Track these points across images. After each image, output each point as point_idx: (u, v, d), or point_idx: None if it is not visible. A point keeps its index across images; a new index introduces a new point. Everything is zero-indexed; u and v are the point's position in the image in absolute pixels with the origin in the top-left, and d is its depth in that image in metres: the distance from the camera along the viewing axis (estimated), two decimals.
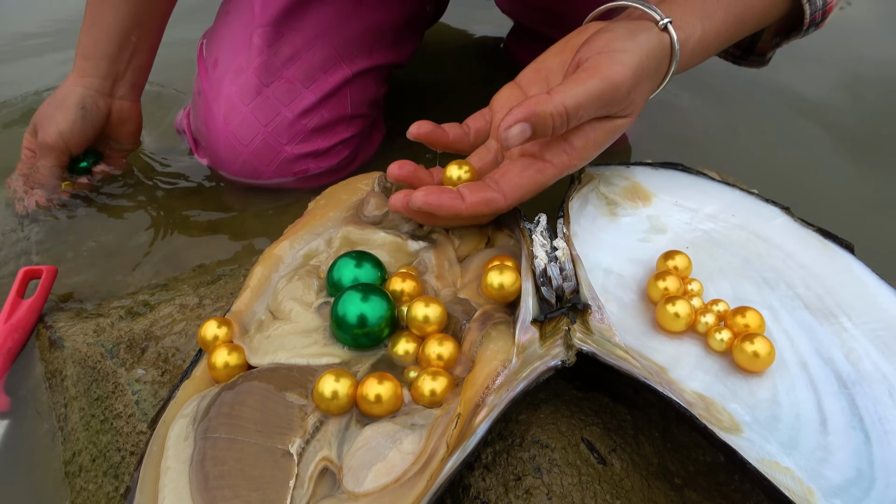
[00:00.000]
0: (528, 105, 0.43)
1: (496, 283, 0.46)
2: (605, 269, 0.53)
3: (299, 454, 0.40)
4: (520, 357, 0.42)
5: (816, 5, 0.59)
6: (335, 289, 0.48)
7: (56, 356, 0.59)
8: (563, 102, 0.44)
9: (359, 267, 0.48)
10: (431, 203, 0.47)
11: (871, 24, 1.32)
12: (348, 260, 0.49)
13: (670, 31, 0.50)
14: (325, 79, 0.79)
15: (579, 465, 0.41)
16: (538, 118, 0.43)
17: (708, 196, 0.58)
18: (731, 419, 0.42)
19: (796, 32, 0.62)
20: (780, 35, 0.65)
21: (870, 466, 0.40)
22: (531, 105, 0.43)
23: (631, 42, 0.47)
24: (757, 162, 0.96)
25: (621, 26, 0.50)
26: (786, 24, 0.63)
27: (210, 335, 0.46)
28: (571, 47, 0.53)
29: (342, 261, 0.49)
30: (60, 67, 1.07)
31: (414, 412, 0.42)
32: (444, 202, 0.47)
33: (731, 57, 0.69)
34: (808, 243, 0.53)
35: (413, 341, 0.45)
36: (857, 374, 0.45)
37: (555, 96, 0.44)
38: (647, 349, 0.47)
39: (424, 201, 0.47)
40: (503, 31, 1.18)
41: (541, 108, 0.43)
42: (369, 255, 0.49)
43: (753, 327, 0.47)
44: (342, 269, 0.48)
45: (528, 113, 0.43)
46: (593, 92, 0.44)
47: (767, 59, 0.69)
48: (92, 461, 0.51)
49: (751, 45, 0.67)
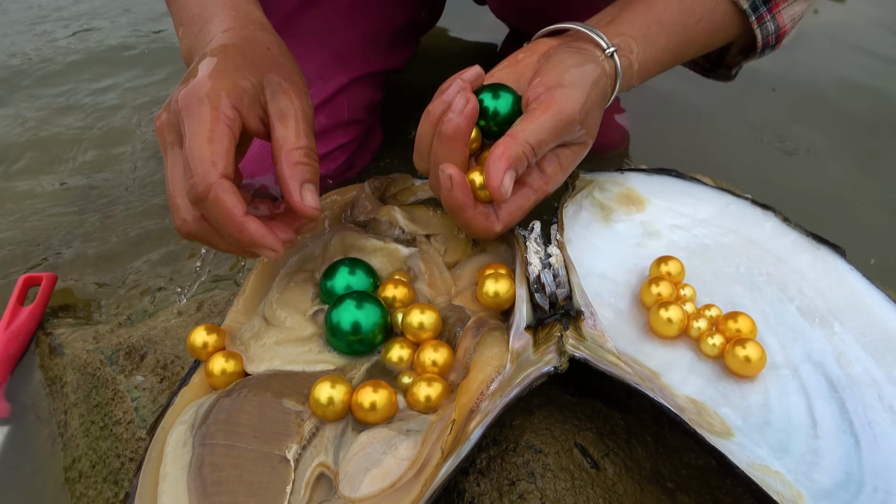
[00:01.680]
0: (502, 153, 0.46)
1: (491, 291, 0.47)
2: (599, 275, 0.54)
3: (296, 460, 0.40)
4: (514, 363, 0.43)
5: (768, 30, 0.61)
6: (329, 296, 0.49)
7: (56, 363, 0.59)
8: (527, 140, 0.47)
9: (352, 274, 0.49)
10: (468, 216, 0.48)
11: (864, 26, 1.32)
12: (342, 267, 0.49)
13: (615, 59, 0.54)
14: (322, 85, 0.80)
15: (572, 469, 0.42)
16: (516, 160, 0.46)
17: (701, 201, 0.58)
18: (722, 423, 0.43)
19: (753, 53, 0.64)
20: (742, 53, 0.67)
21: (859, 470, 0.40)
22: (504, 152, 0.46)
23: (580, 75, 0.50)
24: (751, 166, 0.97)
25: (569, 56, 0.52)
26: (747, 44, 0.65)
27: (199, 342, 0.47)
28: (525, 65, 0.55)
29: (335, 268, 0.49)
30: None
31: (409, 418, 0.42)
32: (478, 220, 0.48)
33: (700, 69, 0.71)
34: (800, 248, 0.54)
35: (406, 347, 0.46)
36: (847, 379, 0.46)
37: (518, 136, 0.47)
38: (641, 354, 0.48)
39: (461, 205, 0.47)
40: (498, 35, 1.18)
41: (513, 150, 0.46)
42: (362, 263, 0.50)
43: (745, 332, 0.48)
44: (335, 276, 0.49)
45: (507, 159, 0.46)
46: (550, 126, 0.48)
47: (733, 74, 0.71)
48: (92, 467, 0.51)
49: (719, 58, 0.69)
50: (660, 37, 0.58)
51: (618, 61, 0.54)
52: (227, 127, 0.43)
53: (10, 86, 1.13)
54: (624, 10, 0.58)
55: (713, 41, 0.63)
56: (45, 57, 1.20)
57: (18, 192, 0.89)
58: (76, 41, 1.26)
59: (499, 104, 0.50)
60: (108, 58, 1.20)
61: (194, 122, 0.43)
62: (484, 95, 0.50)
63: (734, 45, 0.67)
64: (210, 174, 0.41)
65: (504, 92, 0.50)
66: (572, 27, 0.56)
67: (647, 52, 0.57)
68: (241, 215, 0.42)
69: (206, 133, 0.43)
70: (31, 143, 0.99)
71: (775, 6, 0.61)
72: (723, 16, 0.60)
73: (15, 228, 0.82)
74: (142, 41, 1.25)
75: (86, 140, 0.99)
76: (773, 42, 0.63)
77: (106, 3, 1.39)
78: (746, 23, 0.61)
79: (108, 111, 1.05)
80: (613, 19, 0.57)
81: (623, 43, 0.55)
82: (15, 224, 0.83)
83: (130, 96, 1.09)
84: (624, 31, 0.56)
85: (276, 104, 0.47)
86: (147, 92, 1.10)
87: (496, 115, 0.50)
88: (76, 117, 1.04)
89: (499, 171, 0.46)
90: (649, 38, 0.57)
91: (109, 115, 1.05)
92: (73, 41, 1.26)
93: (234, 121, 0.44)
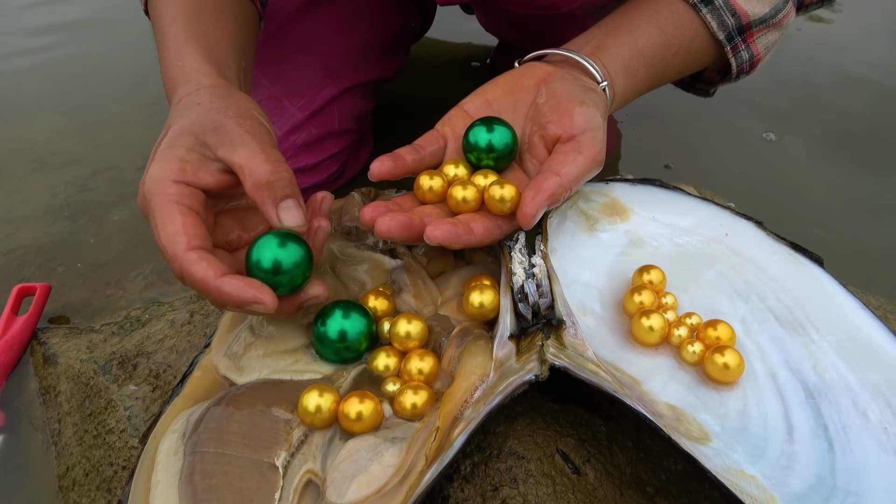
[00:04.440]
0: (545, 190, 0.49)
1: (476, 302, 0.48)
2: (584, 284, 0.55)
3: (285, 467, 0.41)
4: (497, 372, 0.44)
5: (742, 58, 0.65)
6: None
7: (50, 372, 0.60)
8: (569, 181, 0.50)
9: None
10: (450, 238, 0.47)
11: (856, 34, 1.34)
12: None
13: (606, 91, 0.57)
14: (312, 96, 0.81)
15: (554, 475, 0.43)
16: (553, 198, 0.49)
17: (684, 211, 0.59)
18: (700, 429, 0.44)
19: (729, 77, 0.68)
20: (720, 74, 0.70)
21: (831, 475, 0.41)
22: (549, 188, 0.49)
23: (600, 115, 0.54)
24: (738, 174, 0.98)
25: (581, 91, 0.55)
26: (724, 67, 0.68)
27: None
28: (521, 87, 0.57)
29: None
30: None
31: (395, 426, 0.43)
32: (461, 236, 0.48)
33: (680, 83, 0.73)
34: (780, 256, 0.55)
35: (392, 356, 0.47)
36: (823, 385, 0.47)
37: (564, 177, 0.50)
38: (623, 361, 0.49)
39: (444, 237, 0.47)
40: (488, 42, 1.20)
41: (556, 189, 0.49)
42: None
43: (724, 340, 0.49)
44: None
45: (549, 197, 0.49)
46: (585, 168, 0.52)
47: (711, 92, 0.73)
48: (85, 475, 0.52)
49: (699, 73, 0.71)
50: (640, 69, 0.61)
51: (608, 93, 0.57)
52: (175, 205, 0.43)
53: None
54: (608, 36, 0.60)
55: (688, 69, 0.66)
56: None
57: (12, 201, 0.90)
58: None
59: (493, 138, 0.52)
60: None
61: (152, 216, 0.44)
62: (477, 129, 0.52)
63: (713, 64, 0.69)
64: (175, 253, 0.42)
65: (498, 125, 0.52)
66: (568, 55, 0.58)
67: (627, 83, 0.60)
68: (214, 279, 0.41)
69: (161, 221, 0.43)
70: (26, 151, 1.00)
71: (749, 36, 0.63)
72: (699, 46, 0.63)
73: (9, 238, 0.83)
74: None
75: (80, 149, 1.00)
76: (747, 69, 0.66)
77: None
78: (722, 52, 0.64)
79: (102, 121, 1.06)
80: (599, 46, 0.60)
81: (607, 74, 0.58)
82: (9, 234, 0.84)
83: (125, 106, 1.10)
84: (608, 61, 0.59)
85: (224, 149, 0.45)
86: (140, 102, 1.11)
87: (491, 148, 0.52)
88: (70, 126, 1.05)
89: (538, 203, 0.48)
90: (630, 69, 0.60)
91: (103, 126, 1.06)
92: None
93: (181, 195, 0.44)
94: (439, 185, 0.52)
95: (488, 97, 0.57)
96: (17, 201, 0.90)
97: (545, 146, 0.53)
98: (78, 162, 0.97)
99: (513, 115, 0.56)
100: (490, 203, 0.50)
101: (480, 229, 0.49)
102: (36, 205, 0.89)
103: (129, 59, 1.23)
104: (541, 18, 0.71)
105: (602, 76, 0.57)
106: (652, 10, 0.62)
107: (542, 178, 0.49)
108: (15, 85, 1.17)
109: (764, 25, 0.64)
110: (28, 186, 0.93)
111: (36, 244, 0.82)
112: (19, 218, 0.87)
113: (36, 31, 1.33)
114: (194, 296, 0.65)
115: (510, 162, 0.54)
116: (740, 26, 0.63)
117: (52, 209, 0.88)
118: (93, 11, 1.39)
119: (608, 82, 0.58)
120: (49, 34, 1.32)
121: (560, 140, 0.52)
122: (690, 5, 0.62)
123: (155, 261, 0.79)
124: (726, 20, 0.62)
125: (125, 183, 0.92)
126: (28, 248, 0.81)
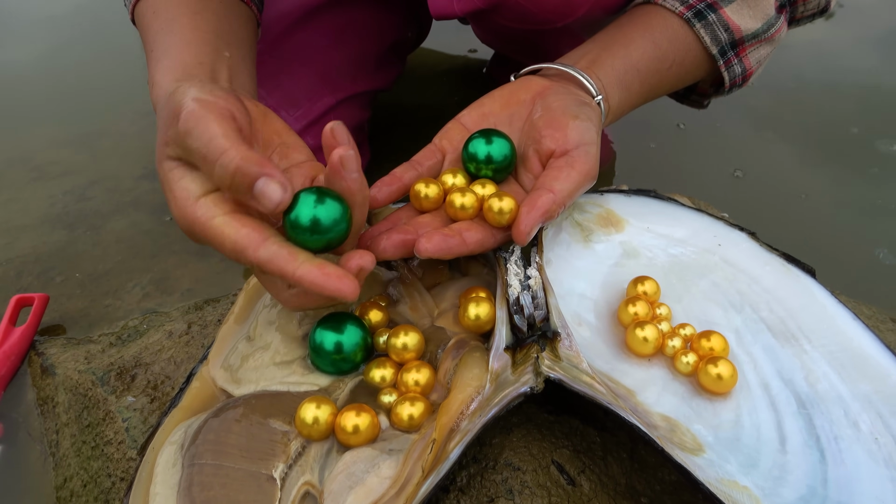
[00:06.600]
0: (541, 206, 0.49)
1: (473, 314, 0.48)
2: (579, 295, 0.55)
3: (282, 479, 0.42)
4: (493, 383, 0.44)
5: (735, 72, 0.66)
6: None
7: (48, 383, 0.61)
8: (563, 198, 0.51)
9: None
10: (441, 251, 0.48)
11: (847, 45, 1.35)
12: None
13: (601, 105, 0.58)
14: (309, 106, 0.81)
15: (549, 486, 0.43)
16: (548, 215, 0.50)
17: (678, 222, 0.60)
18: (694, 440, 0.44)
19: (722, 89, 0.69)
20: (713, 87, 0.71)
21: (823, 485, 0.42)
22: (543, 205, 0.49)
23: (594, 131, 0.54)
24: (730, 185, 0.99)
25: (576, 106, 0.55)
26: (717, 79, 0.69)
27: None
28: (517, 101, 0.57)
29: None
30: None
31: (391, 438, 0.44)
32: (452, 248, 0.48)
33: (674, 95, 0.74)
34: (773, 267, 0.56)
35: (388, 367, 0.47)
36: (815, 395, 0.48)
37: (558, 194, 0.50)
38: (617, 372, 0.49)
39: (436, 250, 0.47)
40: (484, 53, 1.21)
41: (550, 206, 0.50)
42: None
43: (718, 350, 0.49)
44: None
45: (544, 214, 0.49)
46: (579, 183, 0.52)
47: (705, 104, 0.74)
48: (83, 487, 0.53)
49: (693, 85, 0.71)
50: (635, 82, 0.61)
51: (603, 107, 0.58)
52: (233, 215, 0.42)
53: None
54: (604, 50, 0.61)
55: (681, 83, 0.67)
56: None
57: (10, 210, 0.91)
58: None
59: (492, 150, 0.53)
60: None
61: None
62: (476, 141, 0.53)
63: (706, 77, 0.70)
64: (248, 257, 0.40)
65: (497, 138, 0.53)
66: (563, 69, 0.59)
67: (622, 97, 0.61)
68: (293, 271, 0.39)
69: (222, 231, 0.41)
70: (24, 160, 1.00)
71: (742, 50, 0.65)
72: (693, 60, 0.64)
73: (7, 248, 0.84)
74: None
75: (78, 158, 1.00)
76: (739, 82, 0.67)
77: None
78: (715, 66, 0.65)
79: (100, 131, 1.07)
80: (594, 60, 0.60)
81: (602, 88, 0.59)
82: (7, 243, 0.84)
83: (123, 116, 1.10)
84: (603, 74, 0.60)
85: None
86: (139, 111, 1.11)
87: (490, 160, 0.53)
88: (68, 135, 1.05)
89: (533, 220, 0.49)
90: (625, 84, 0.61)
91: (101, 135, 1.06)
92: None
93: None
94: (435, 193, 0.52)
95: (485, 110, 0.58)
96: (15, 210, 0.91)
97: (539, 160, 0.54)
98: (76, 171, 0.97)
99: (509, 128, 0.56)
100: (488, 215, 0.50)
101: (473, 239, 0.49)
102: (34, 214, 0.89)
103: (127, 68, 1.23)
104: (536, 33, 0.72)
105: (597, 90, 0.58)
106: (646, 24, 0.63)
107: (537, 195, 0.50)
108: (13, 94, 1.18)
109: (756, 40, 0.65)
110: (26, 195, 0.93)
111: (34, 253, 0.82)
112: (17, 227, 0.87)
113: (34, 41, 1.33)
114: (192, 306, 0.65)
115: (508, 174, 0.55)
116: (733, 41, 0.64)
117: (50, 218, 0.89)
118: (91, 21, 1.39)
119: (603, 96, 0.58)
120: (47, 44, 1.32)
121: (554, 154, 0.53)
122: (684, 20, 0.62)
123: (153, 271, 0.80)
124: (719, 35, 0.63)
125: (123, 192, 0.93)
126: (26, 257, 0.82)
